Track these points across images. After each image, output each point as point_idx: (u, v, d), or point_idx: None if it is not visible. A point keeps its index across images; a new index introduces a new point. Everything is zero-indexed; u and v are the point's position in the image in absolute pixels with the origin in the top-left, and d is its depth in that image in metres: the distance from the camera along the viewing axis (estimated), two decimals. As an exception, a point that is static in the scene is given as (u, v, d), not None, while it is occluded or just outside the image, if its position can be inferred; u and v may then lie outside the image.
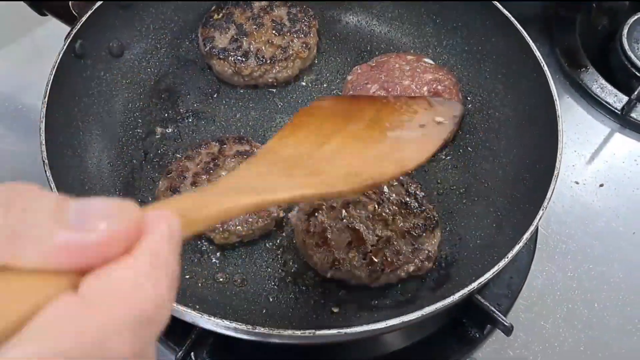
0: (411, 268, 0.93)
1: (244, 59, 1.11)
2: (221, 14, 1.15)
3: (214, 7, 1.17)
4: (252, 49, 1.11)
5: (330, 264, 0.93)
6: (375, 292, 0.95)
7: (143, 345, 0.36)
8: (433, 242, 0.96)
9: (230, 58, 1.10)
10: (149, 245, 0.38)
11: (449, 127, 0.93)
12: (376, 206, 0.97)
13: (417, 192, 1.00)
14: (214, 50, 1.11)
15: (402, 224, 0.96)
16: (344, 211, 0.96)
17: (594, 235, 1.12)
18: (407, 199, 0.99)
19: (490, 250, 0.96)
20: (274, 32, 1.14)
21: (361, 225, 0.96)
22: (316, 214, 0.96)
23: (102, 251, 0.36)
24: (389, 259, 0.93)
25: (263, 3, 1.17)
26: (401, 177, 1.00)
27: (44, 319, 0.33)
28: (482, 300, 0.94)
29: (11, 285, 0.34)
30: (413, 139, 0.90)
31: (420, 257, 0.94)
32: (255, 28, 1.14)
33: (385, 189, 0.99)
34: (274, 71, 1.12)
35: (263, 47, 1.12)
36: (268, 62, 1.11)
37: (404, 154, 0.86)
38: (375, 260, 0.93)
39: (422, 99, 0.99)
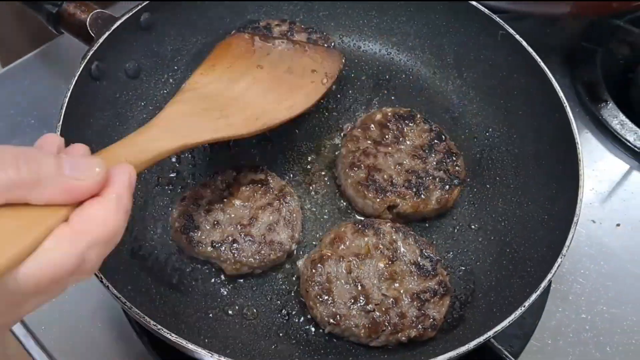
0: (413, 333, 0.89)
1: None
2: None
3: (233, 33, 1.15)
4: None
5: (330, 318, 0.89)
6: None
7: (102, 258, 0.59)
8: (441, 310, 0.91)
9: None
10: (115, 190, 0.59)
11: (332, 79, 1.06)
12: (388, 263, 0.94)
13: (432, 255, 0.96)
14: None
15: (411, 285, 0.93)
16: (352, 264, 0.93)
17: (609, 276, 1.10)
18: (421, 261, 0.95)
19: (505, 293, 0.95)
20: None
21: (368, 281, 0.92)
22: (324, 263, 0.93)
23: (88, 193, 0.58)
24: (392, 321, 0.89)
25: (283, 28, 1.15)
26: (417, 238, 0.97)
27: (52, 236, 0.55)
28: (495, 344, 0.92)
29: (30, 212, 0.55)
30: (304, 84, 1.04)
31: (425, 324, 0.89)
32: None
33: (401, 247, 0.95)
34: (291, 99, 1.10)
35: None
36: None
37: (295, 99, 1.01)
38: (377, 320, 0.89)
39: (320, 49, 1.11)
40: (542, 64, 1.05)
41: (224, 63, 1.01)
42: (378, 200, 1.01)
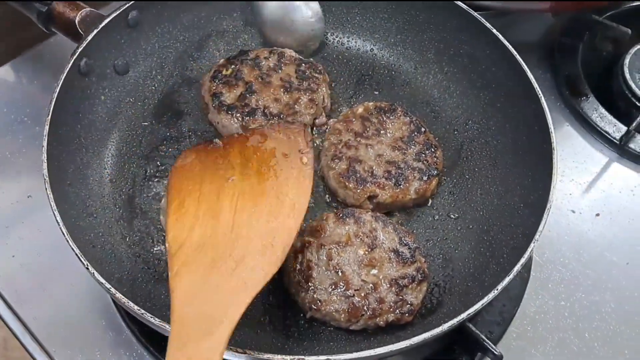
0: (391, 318, 0.92)
1: (251, 116, 1.10)
2: (230, 70, 1.15)
3: (222, 61, 1.17)
4: (259, 105, 1.11)
5: (311, 304, 0.92)
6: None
7: None
8: (418, 296, 0.94)
9: (237, 115, 1.10)
10: None
11: (310, 153, 0.97)
12: (367, 250, 0.96)
13: (410, 243, 0.98)
14: (222, 106, 1.11)
15: (390, 272, 0.95)
16: (333, 251, 0.96)
17: (588, 264, 1.12)
18: (400, 248, 0.97)
19: (482, 279, 0.97)
20: (282, 89, 1.13)
21: (348, 267, 0.95)
22: (305, 252, 0.96)
23: None
24: (371, 306, 0.92)
25: (271, 62, 1.16)
26: (397, 227, 0.99)
27: None
28: (473, 329, 0.94)
29: None
30: (288, 175, 0.93)
31: (403, 309, 0.92)
32: (264, 86, 1.13)
33: (380, 235, 0.98)
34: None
35: (271, 105, 1.11)
36: (275, 118, 1.10)
37: (290, 197, 0.90)
38: (357, 305, 0.92)
39: (278, 128, 1.01)
40: (518, 58, 1.08)
41: (191, 195, 0.90)
42: (358, 190, 1.03)
